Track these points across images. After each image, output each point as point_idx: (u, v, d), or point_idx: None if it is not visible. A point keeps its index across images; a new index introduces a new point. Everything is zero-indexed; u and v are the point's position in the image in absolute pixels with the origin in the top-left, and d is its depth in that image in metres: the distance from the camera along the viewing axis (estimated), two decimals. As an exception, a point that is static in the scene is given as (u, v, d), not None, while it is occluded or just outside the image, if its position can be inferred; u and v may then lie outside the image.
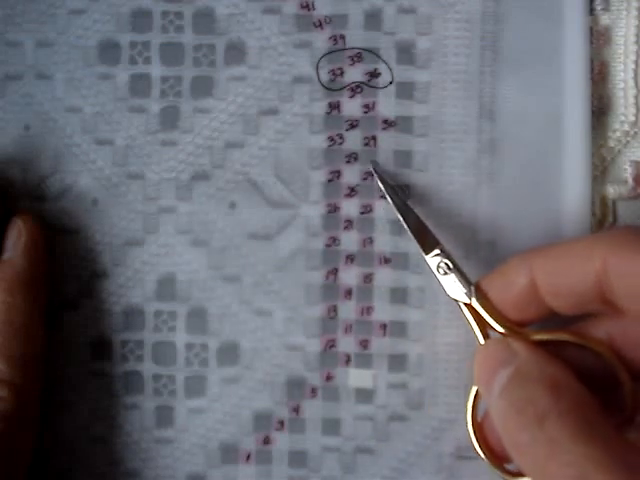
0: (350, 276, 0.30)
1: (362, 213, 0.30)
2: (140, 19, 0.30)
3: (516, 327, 0.25)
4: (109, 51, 0.30)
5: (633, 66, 0.30)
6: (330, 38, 0.30)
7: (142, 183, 0.30)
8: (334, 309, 0.30)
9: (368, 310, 0.30)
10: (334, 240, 0.30)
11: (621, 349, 0.25)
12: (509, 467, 0.26)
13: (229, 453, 0.30)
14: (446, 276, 0.27)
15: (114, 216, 0.30)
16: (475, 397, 0.26)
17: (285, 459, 0.30)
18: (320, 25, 0.30)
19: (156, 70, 0.30)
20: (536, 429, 0.22)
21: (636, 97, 0.30)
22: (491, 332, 0.26)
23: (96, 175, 0.30)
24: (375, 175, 0.29)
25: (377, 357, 0.30)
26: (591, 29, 0.29)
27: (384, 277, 0.30)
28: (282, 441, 0.30)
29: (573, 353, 0.25)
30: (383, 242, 0.30)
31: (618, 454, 0.20)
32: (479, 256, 0.29)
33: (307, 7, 0.30)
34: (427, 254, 0.27)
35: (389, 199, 0.28)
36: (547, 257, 0.25)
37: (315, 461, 0.30)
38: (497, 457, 0.26)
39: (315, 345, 0.30)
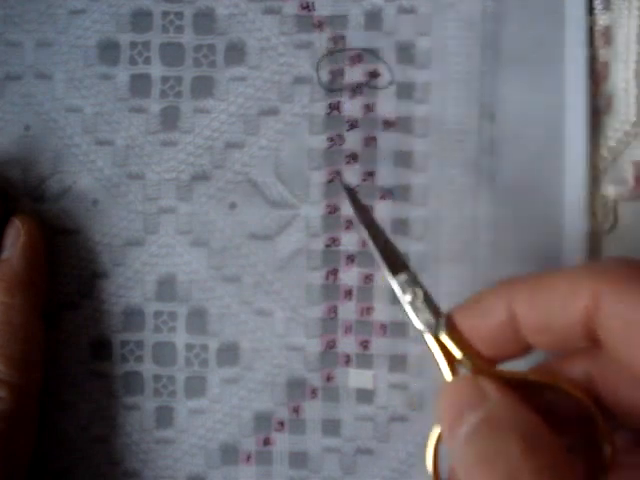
0: (350, 276, 0.30)
1: (362, 213, 0.30)
2: (140, 19, 0.30)
3: (486, 364, 0.22)
4: (109, 51, 0.30)
5: (634, 66, 0.29)
6: (330, 39, 0.30)
7: (142, 183, 0.30)
8: (334, 309, 0.30)
9: (368, 310, 0.30)
10: (334, 240, 0.30)
11: (599, 390, 0.22)
12: None
13: (229, 454, 0.30)
14: (412, 303, 0.23)
15: (114, 216, 0.30)
16: (437, 441, 0.23)
17: (285, 460, 0.30)
18: (320, 26, 0.30)
19: (156, 70, 0.30)
20: None
21: (637, 97, 0.29)
22: (460, 367, 0.23)
23: (96, 175, 0.30)
24: (346, 194, 0.25)
25: (377, 357, 0.29)
26: (591, 29, 0.29)
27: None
28: (282, 442, 0.30)
29: (548, 395, 0.23)
30: (383, 242, 0.30)
31: None
32: (479, 256, 0.29)
33: (307, 8, 0.30)
34: (394, 275, 0.24)
35: (357, 216, 0.25)
36: (532, 290, 0.22)
37: (315, 462, 0.30)
38: None
39: (315, 345, 0.30)
